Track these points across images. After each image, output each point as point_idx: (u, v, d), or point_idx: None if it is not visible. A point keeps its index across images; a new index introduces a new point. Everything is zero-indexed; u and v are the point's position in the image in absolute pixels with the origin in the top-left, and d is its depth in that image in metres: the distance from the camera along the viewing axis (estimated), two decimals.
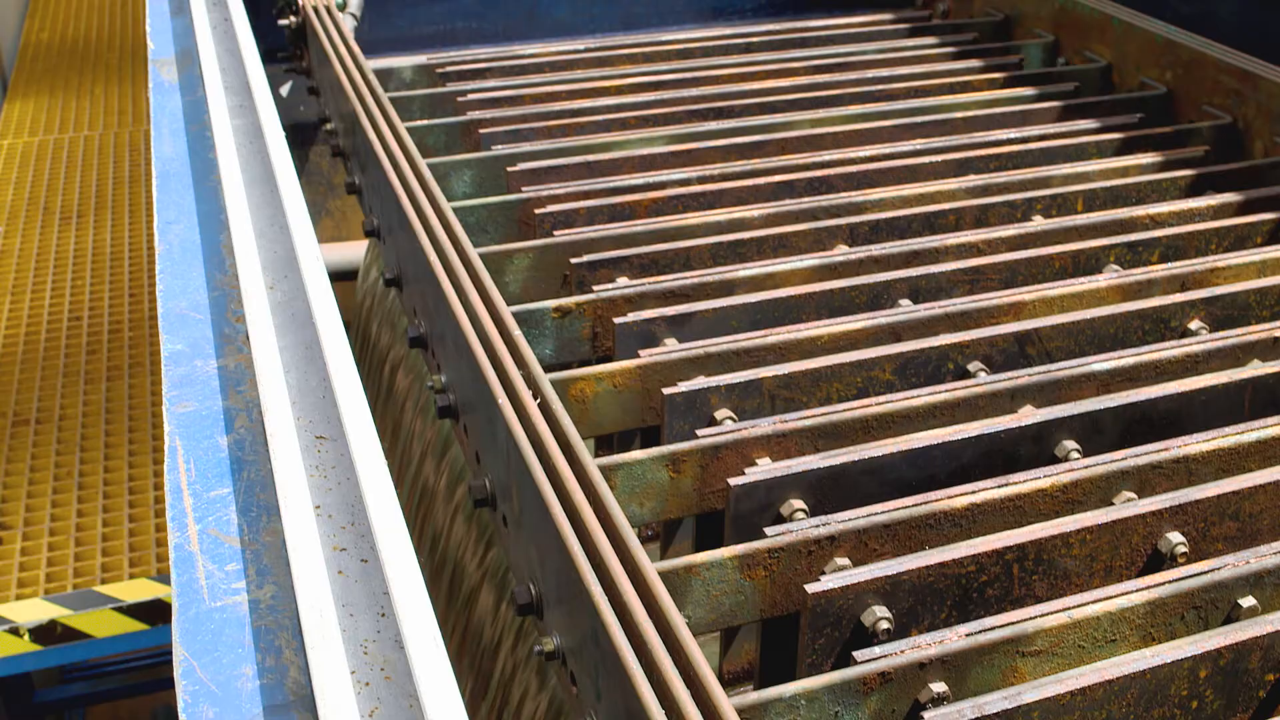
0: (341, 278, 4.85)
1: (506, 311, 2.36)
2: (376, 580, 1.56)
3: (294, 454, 1.74)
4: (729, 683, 2.35)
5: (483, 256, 2.75)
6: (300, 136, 5.15)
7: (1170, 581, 1.87)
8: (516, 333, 2.28)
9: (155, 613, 5.36)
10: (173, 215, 2.58)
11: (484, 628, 2.83)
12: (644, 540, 2.78)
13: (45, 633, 5.33)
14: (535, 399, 2.09)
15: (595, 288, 2.70)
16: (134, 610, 5.48)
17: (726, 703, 1.52)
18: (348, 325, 3.66)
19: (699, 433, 2.22)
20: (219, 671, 1.48)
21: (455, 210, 2.95)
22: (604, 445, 2.78)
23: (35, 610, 5.32)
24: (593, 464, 1.94)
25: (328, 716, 1.31)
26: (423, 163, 2.97)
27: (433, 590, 3.19)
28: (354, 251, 4.94)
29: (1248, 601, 1.88)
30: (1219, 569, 1.89)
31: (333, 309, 2.10)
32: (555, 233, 2.95)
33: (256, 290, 2.16)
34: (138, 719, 7.59)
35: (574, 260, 2.80)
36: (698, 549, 2.32)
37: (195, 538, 1.68)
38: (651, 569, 1.72)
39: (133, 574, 5.59)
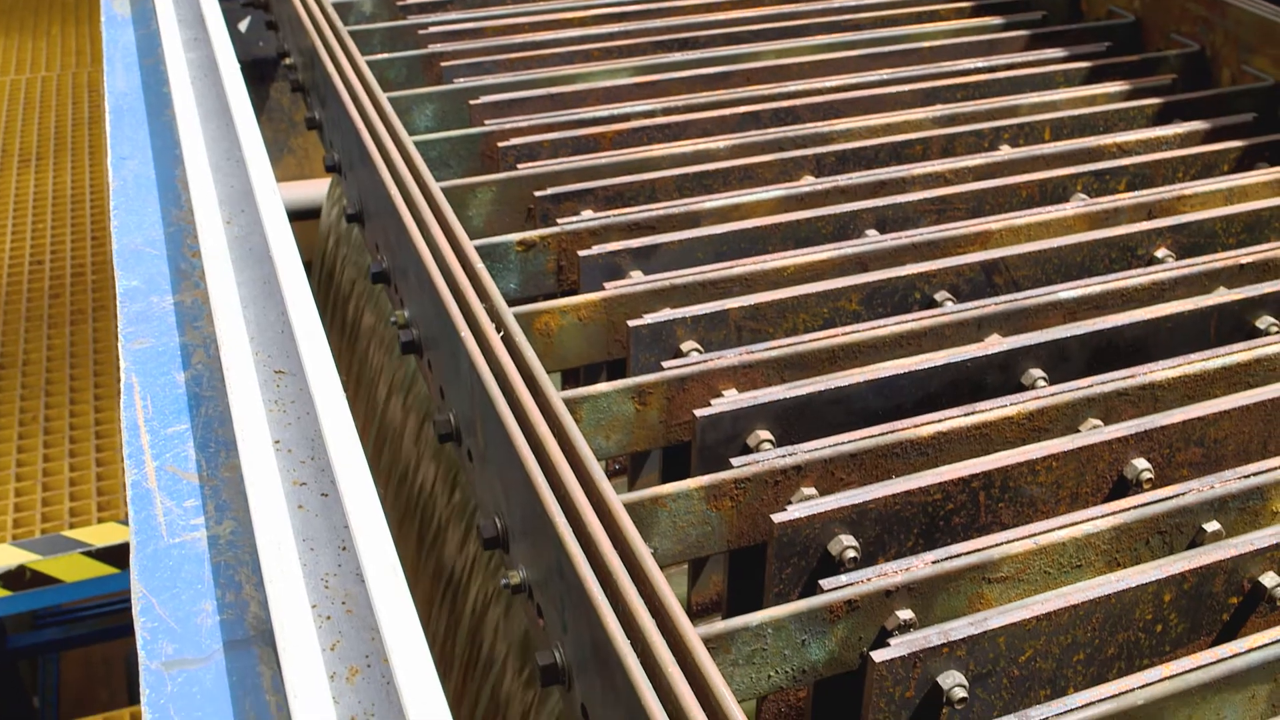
0: (304, 216, 4.80)
1: (469, 245, 2.33)
2: (337, 514, 1.55)
3: (252, 389, 1.71)
4: (697, 614, 2.35)
5: (445, 191, 2.71)
6: (260, 73, 5.07)
7: (1135, 507, 1.87)
8: (479, 266, 2.25)
9: (124, 557, 5.33)
10: (127, 150, 2.52)
11: (454, 564, 2.83)
12: (611, 474, 2.77)
13: (14, 578, 5.30)
14: (498, 332, 2.07)
15: (559, 221, 2.67)
16: (103, 554, 5.46)
17: (692, 632, 1.51)
18: (310, 264, 3.62)
19: (665, 364, 2.20)
20: (178, 608, 1.46)
21: (417, 144, 2.91)
22: (570, 380, 2.76)
23: (3, 556, 5.29)
24: (557, 396, 1.92)
25: (287, 650, 1.29)
26: (383, 97, 2.92)
27: (403, 529, 3.18)
28: (317, 189, 4.88)
29: (1212, 526, 1.88)
30: (1184, 494, 1.89)
31: (290, 243, 2.07)
32: (519, 166, 2.91)
33: (213, 225, 2.12)
34: (112, 664, 7.59)
35: (538, 193, 2.76)
36: (665, 482, 2.30)
37: (153, 474, 1.66)
38: (616, 501, 1.71)
39: (101, 518, 5.56)
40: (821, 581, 1.75)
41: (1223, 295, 2.38)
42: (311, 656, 1.32)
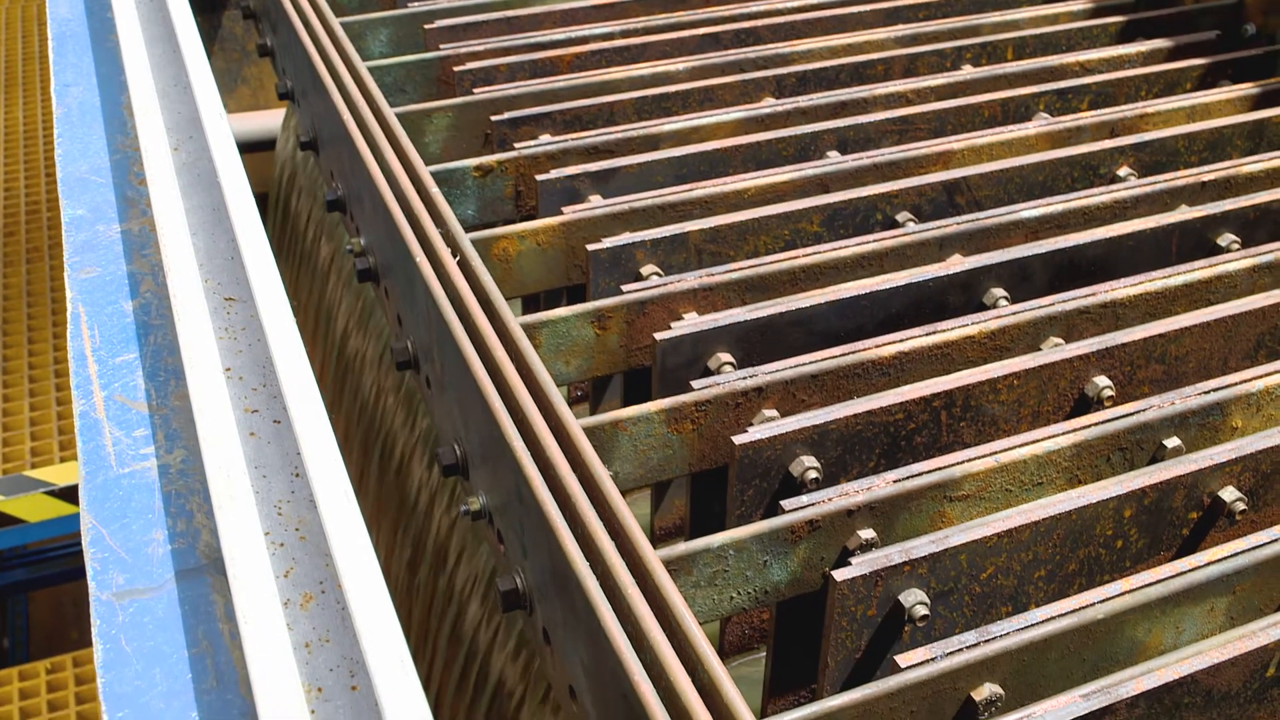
0: (260, 147, 4.71)
1: (424, 170, 2.29)
2: (289, 441, 1.52)
3: (201, 316, 1.67)
4: (661, 539, 2.34)
5: (400, 116, 2.66)
6: (211, 1, 4.96)
7: (1096, 424, 1.86)
8: (434, 190, 2.21)
9: None
10: (70, 78, 2.46)
11: (418, 494, 2.81)
12: (573, 401, 2.75)
13: None
14: (454, 256, 2.03)
15: (517, 145, 2.62)
16: (66, 494, 5.41)
17: (652, 554, 1.50)
18: (262, 195, 3.55)
19: (624, 288, 2.17)
20: (128, 538, 1.44)
21: (371, 70, 2.85)
22: (530, 306, 2.74)
23: None
24: (514, 321, 1.90)
25: (238, 577, 1.27)
26: (336, 22, 2.86)
27: (367, 461, 3.16)
28: (271, 120, 4.78)
29: (1172, 442, 1.89)
30: (1144, 411, 1.89)
31: (239, 169, 2.02)
32: (475, 90, 2.86)
33: (160, 152, 2.07)
34: (81, 604, 7.56)
35: (495, 118, 2.71)
36: (626, 406, 2.29)
37: (101, 404, 1.62)
38: (575, 424, 1.69)
39: (63, 457, 5.51)
40: (783, 502, 1.74)
41: (1184, 213, 2.37)
42: (263, 583, 1.31)
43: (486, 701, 2.27)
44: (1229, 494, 1.80)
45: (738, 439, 1.81)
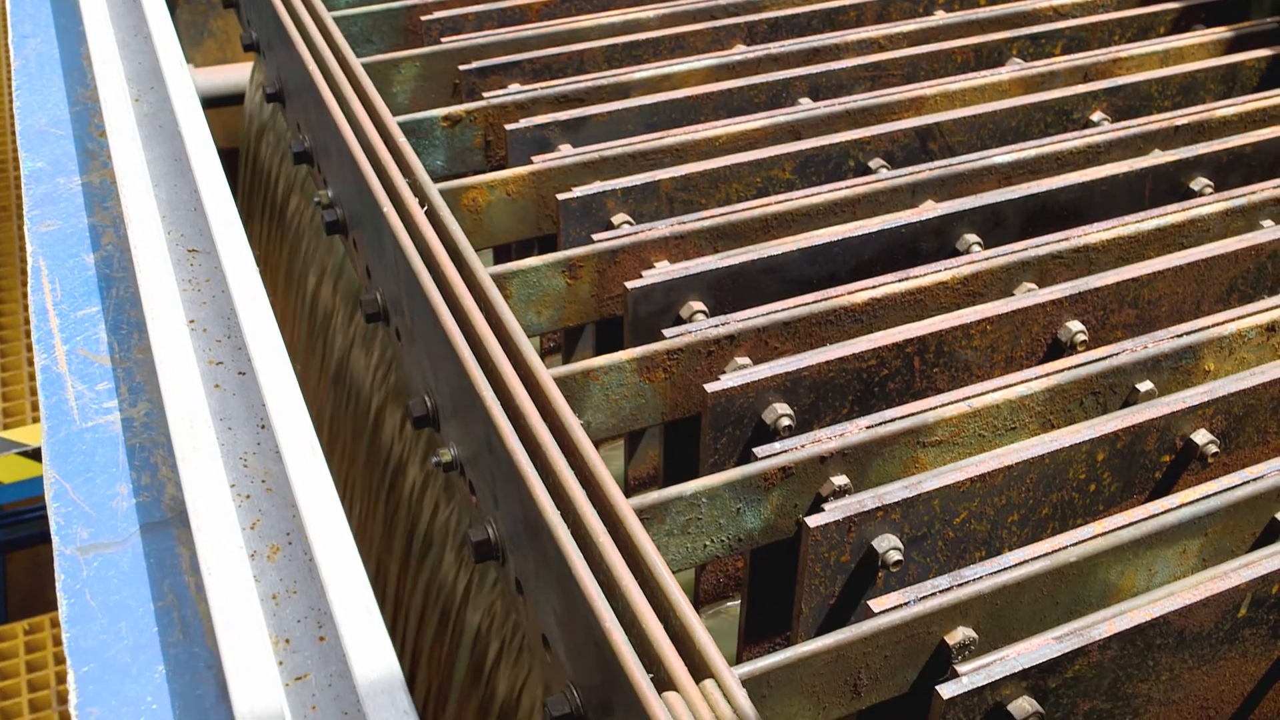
0: (227, 102, 4.65)
1: (391, 120, 2.26)
2: (255, 393, 1.50)
3: (164, 267, 1.65)
4: (635, 489, 2.33)
5: (367, 67, 2.62)
6: None
7: (1069, 368, 1.86)
8: (401, 140, 2.18)
9: None
10: (28, 28, 2.41)
11: (391, 448, 2.79)
12: (546, 353, 2.73)
13: None
14: (422, 207, 2.01)
15: (486, 95, 2.59)
16: (40, 454, 5.37)
17: (624, 502, 1.49)
18: (227, 148, 3.50)
19: (595, 237, 2.15)
20: (92, 492, 1.42)
21: (337, 20, 2.80)
22: (502, 257, 2.71)
23: None
24: (484, 271, 1.88)
25: (202, 529, 1.26)
26: None
27: (339, 415, 3.13)
28: (239, 73, 4.72)
29: (1145, 386, 1.88)
30: (1117, 355, 1.88)
31: (201, 120, 1.99)
32: (443, 40, 2.82)
33: (120, 103, 2.03)
34: None
35: (463, 67, 2.68)
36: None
37: (63, 358, 1.60)
38: (545, 374, 1.68)
39: (36, 418, 5.46)
40: (755, 449, 1.73)
41: (1157, 157, 2.36)
42: (227, 533, 1.29)
43: (465, 654, 2.26)
44: (1201, 437, 1.80)
45: (710, 387, 1.80)
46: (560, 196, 2.23)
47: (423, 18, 2.89)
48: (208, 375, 1.53)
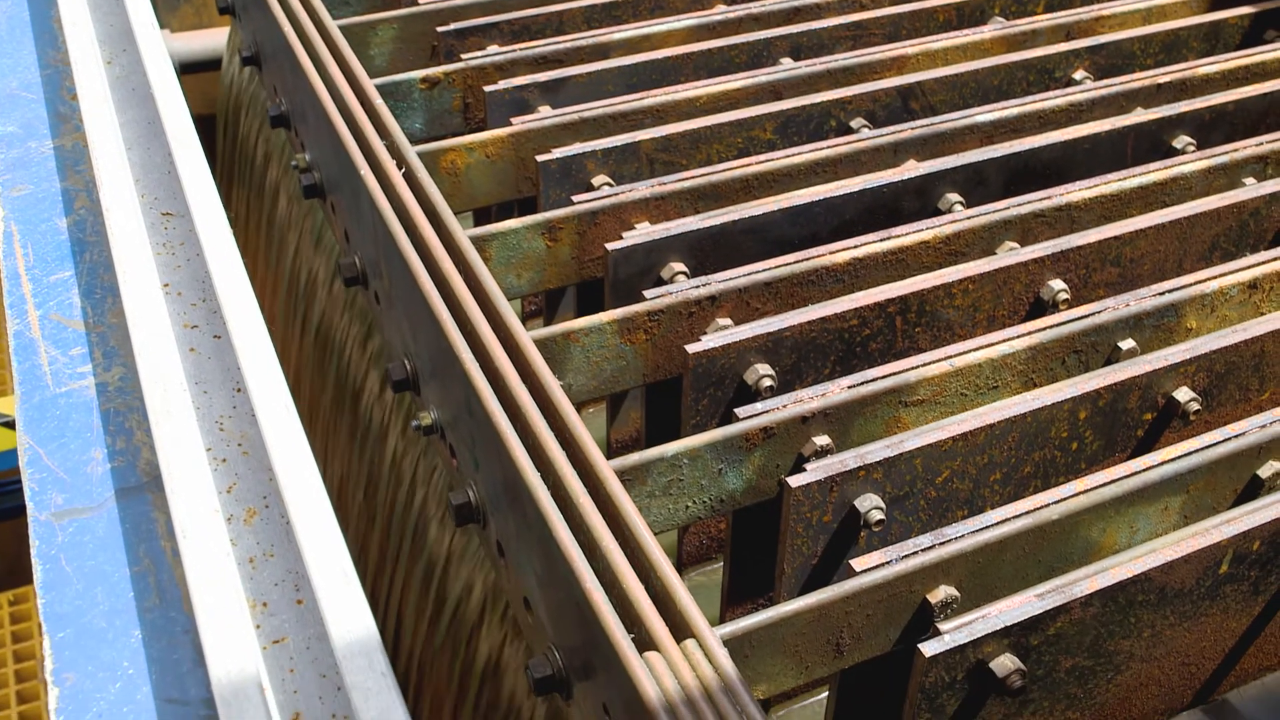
0: (204, 67, 4.60)
1: (368, 82, 2.23)
2: (231, 356, 1.48)
3: (137, 231, 1.63)
4: (617, 452, 2.33)
5: (344, 29, 2.59)
6: None
7: (1051, 327, 1.85)
8: (378, 102, 2.15)
9: None
10: None
11: (372, 413, 2.78)
12: (527, 316, 2.72)
13: None
14: (400, 169, 1.99)
15: (464, 56, 2.56)
16: None
17: (604, 464, 1.48)
18: (205, 115, 3.46)
19: (575, 199, 2.14)
20: (66, 457, 1.40)
21: None
22: (482, 220, 2.69)
23: None
24: (462, 233, 1.86)
25: (176, 492, 1.25)
26: None
27: (322, 381, 3.12)
28: (216, 38, 4.67)
29: (1127, 344, 1.88)
30: (1099, 313, 1.88)
31: (174, 82, 1.96)
32: (421, 1, 2.79)
33: (92, 66, 2.00)
34: None
35: (441, 29, 2.65)
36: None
37: (36, 323, 1.58)
38: (524, 335, 1.66)
39: None
40: (737, 410, 1.72)
41: (1140, 115, 2.34)
42: (202, 496, 1.28)
43: (447, 619, 2.26)
44: (1183, 394, 1.79)
45: (691, 348, 1.79)
46: (540, 158, 2.21)
47: None
48: (183, 339, 1.51)
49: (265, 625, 1.27)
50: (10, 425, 5.44)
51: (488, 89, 2.43)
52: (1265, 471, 1.66)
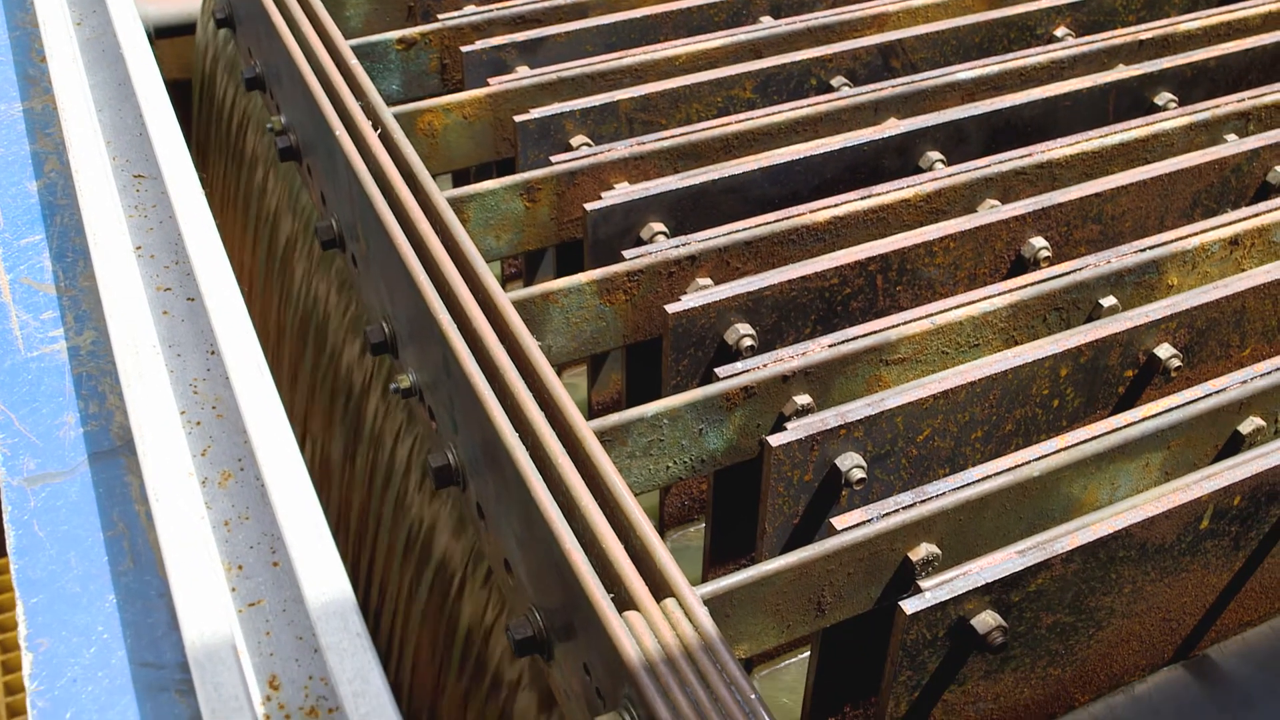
0: (179, 32, 4.55)
1: (343, 43, 2.20)
2: (204, 319, 1.47)
3: (109, 194, 1.60)
4: (598, 414, 2.31)
5: None
6: None
7: (1033, 284, 1.85)
8: (353, 62, 2.13)
9: None
10: None
11: (352, 378, 2.76)
12: (507, 279, 2.71)
13: None
14: (375, 130, 1.97)
15: (441, 17, 2.53)
16: None
17: (583, 424, 1.47)
18: (179, 80, 3.42)
19: (553, 159, 2.12)
20: (39, 422, 1.39)
21: None
22: (461, 182, 2.67)
23: None
24: (439, 193, 1.84)
25: (148, 455, 1.23)
26: None
27: (301, 346, 3.09)
28: (191, 3, 4.61)
29: (1108, 301, 1.87)
30: (1081, 270, 1.87)
31: (144, 43, 1.93)
32: None
33: (61, 27, 1.97)
34: None
35: None
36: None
37: (6, 287, 1.56)
38: (502, 296, 1.65)
39: None
40: (717, 370, 1.71)
41: (1121, 72, 2.33)
42: (175, 460, 1.26)
43: (429, 582, 2.25)
44: (1164, 351, 1.79)
45: (671, 308, 1.78)
46: (518, 118, 2.19)
47: None
48: (155, 301, 1.49)
49: (241, 588, 1.26)
50: None
51: (465, 49, 2.40)
52: (1246, 427, 1.66)
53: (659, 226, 2.00)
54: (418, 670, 2.21)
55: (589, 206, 1.98)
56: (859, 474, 1.62)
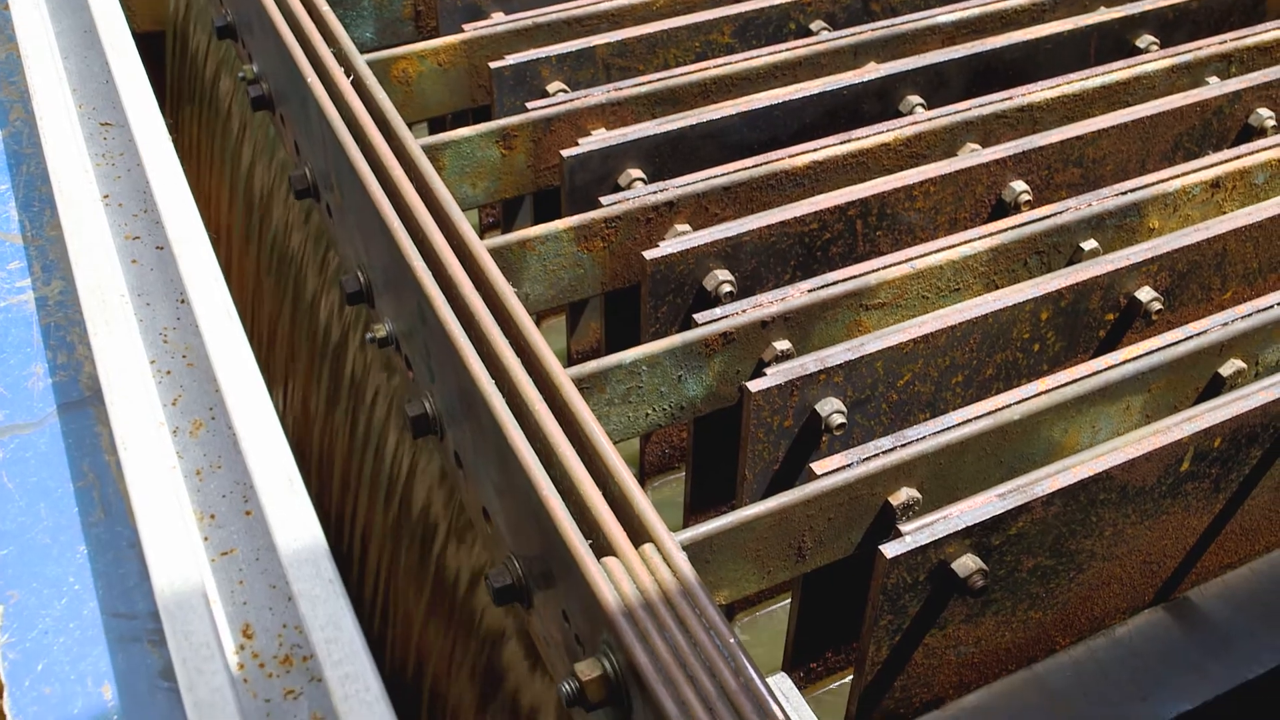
0: None
1: None
2: (174, 267, 1.44)
3: (75, 141, 1.57)
4: (577, 362, 2.30)
5: None
6: None
7: (1013, 228, 1.83)
8: (324, 8, 2.09)
9: None
10: None
11: (331, 329, 2.74)
12: (485, 229, 2.68)
13: None
14: (348, 76, 1.93)
15: None
16: None
17: (560, 370, 1.45)
18: (152, 32, 3.36)
19: (529, 106, 2.09)
20: (6, 373, 1.36)
21: None
22: (438, 130, 2.64)
23: None
24: (413, 141, 1.81)
25: (115, 404, 1.21)
26: None
27: (280, 298, 3.07)
28: None
29: (1089, 244, 1.86)
30: (1061, 213, 1.86)
31: None
32: None
33: None
34: None
35: None
36: None
37: None
38: (479, 244, 1.62)
39: None
40: (696, 316, 1.69)
41: (1102, 14, 2.31)
42: (144, 408, 1.24)
43: (410, 532, 2.24)
44: (1145, 294, 1.78)
45: (649, 254, 1.76)
46: (493, 65, 2.16)
47: None
48: (124, 250, 1.47)
49: (214, 537, 1.25)
50: None
51: None
52: (1227, 369, 1.66)
53: (637, 173, 1.98)
54: (405, 624, 2.21)
55: (566, 153, 1.95)
56: (839, 419, 1.61)
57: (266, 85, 2.33)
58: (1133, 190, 1.90)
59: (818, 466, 1.47)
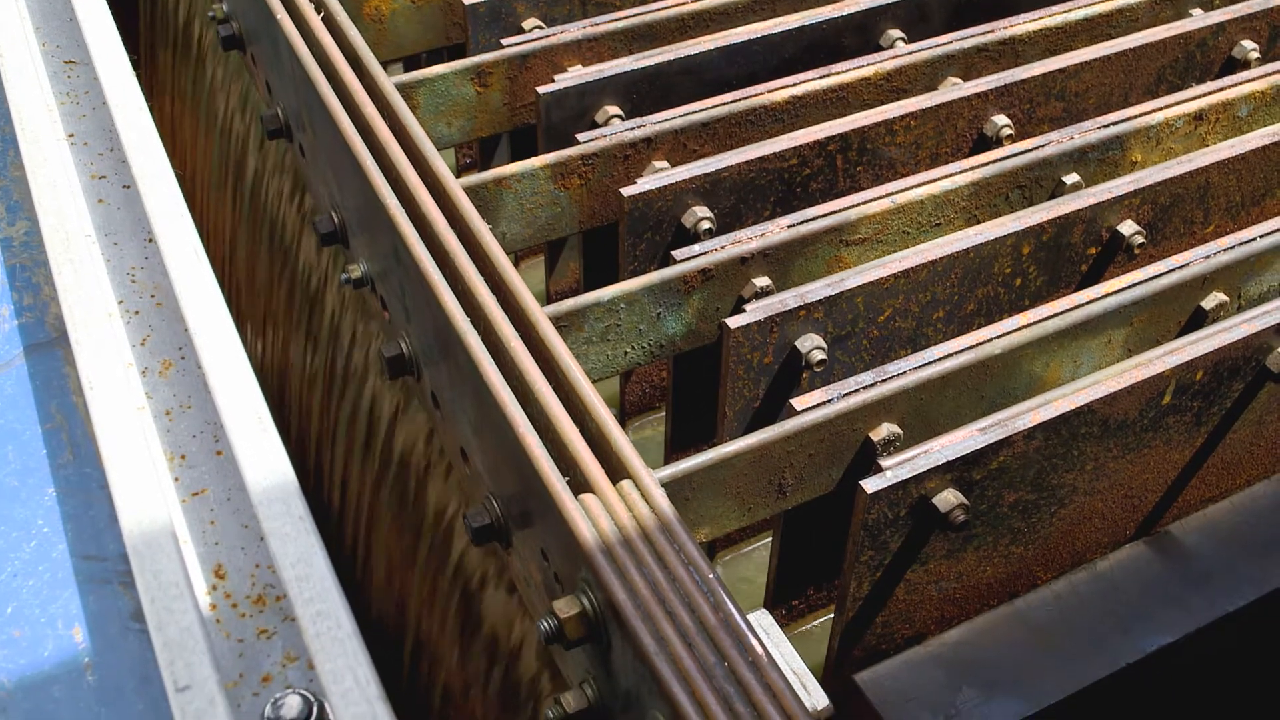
0: None
1: None
2: (141, 206, 1.41)
3: (38, 80, 1.54)
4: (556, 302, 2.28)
5: None
6: None
7: (995, 162, 1.81)
8: None
9: None
10: None
11: (309, 274, 2.71)
12: (462, 169, 2.65)
13: None
14: (319, 13, 1.90)
15: None
16: None
17: (536, 308, 1.43)
18: None
19: (505, 42, 2.05)
20: None
21: None
22: (413, 70, 2.60)
23: None
24: (386, 78, 1.78)
25: (81, 343, 1.19)
26: None
27: (257, 244, 3.04)
28: None
29: (1071, 178, 1.84)
30: (1043, 147, 1.84)
31: None
32: None
33: None
34: None
35: None
36: None
37: None
38: (453, 181, 1.60)
39: None
40: (674, 252, 1.67)
41: None
42: (111, 349, 1.22)
43: (392, 475, 2.23)
44: (1127, 228, 1.77)
45: (627, 191, 1.74)
46: (467, 1, 2.12)
47: None
48: (90, 190, 1.44)
49: (184, 478, 1.23)
50: None
51: None
52: (1209, 303, 1.65)
53: (614, 109, 1.95)
54: (388, 565, 2.20)
55: (542, 90, 1.92)
56: (819, 355, 1.60)
57: (236, 24, 2.29)
58: (1115, 123, 1.88)
59: (798, 403, 1.45)
